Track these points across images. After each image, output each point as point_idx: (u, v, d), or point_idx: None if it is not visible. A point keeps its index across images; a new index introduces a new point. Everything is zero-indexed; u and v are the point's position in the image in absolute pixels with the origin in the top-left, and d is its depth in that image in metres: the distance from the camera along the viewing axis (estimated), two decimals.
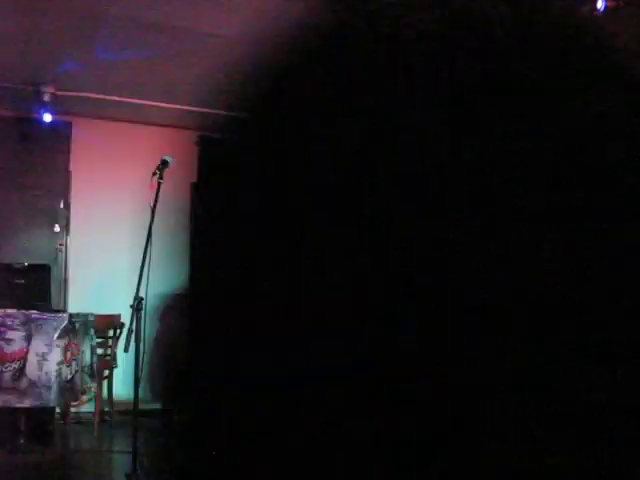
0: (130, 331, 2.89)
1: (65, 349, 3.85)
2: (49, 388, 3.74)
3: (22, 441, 4.01)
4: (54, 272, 4.74)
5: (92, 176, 5.45)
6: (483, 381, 0.32)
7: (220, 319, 0.36)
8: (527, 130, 0.31)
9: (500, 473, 0.30)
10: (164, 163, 3.28)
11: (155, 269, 3.00)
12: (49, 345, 3.78)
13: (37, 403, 3.75)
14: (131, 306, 2.92)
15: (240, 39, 3.91)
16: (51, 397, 3.76)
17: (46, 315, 3.85)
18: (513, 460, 0.30)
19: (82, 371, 4.08)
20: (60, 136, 5.22)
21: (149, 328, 3.34)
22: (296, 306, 0.32)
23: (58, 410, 4.84)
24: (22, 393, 3.72)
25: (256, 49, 0.44)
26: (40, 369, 3.74)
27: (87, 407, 4.92)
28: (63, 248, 5.21)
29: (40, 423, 4.49)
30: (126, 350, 2.89)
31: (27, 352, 3.75)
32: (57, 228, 5.17)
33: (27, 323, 3.79)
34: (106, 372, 4.75)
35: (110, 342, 4.85)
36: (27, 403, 3.73)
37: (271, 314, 0.32)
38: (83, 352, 4.10)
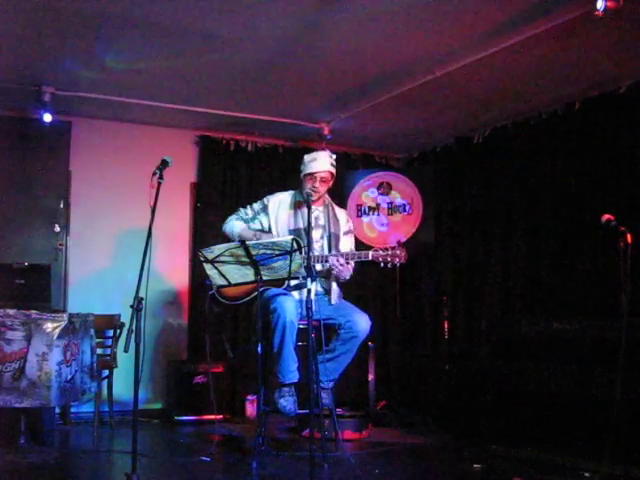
0: (130, 331, 2.89)
1: (65, 349, 3.85)
2: (49, 388, 3.74)
3: (22, 441, 4.01)
4: (54, 272, 4.74)
5: (92, 176, 5.45)
6: None
7: None
8: None
9: None
10: (164, 163, 3.27)
11: (155, 269, 3.01)
12: (49, 345, 3.78)
13: (37, 403, 3.75)
14: (131, 306, 2.92)
15: (240, 39, 3.91)
16: (51, 397, 3.76)
17: (46, 315, 3.85)
18: None
19: (82, 371, 4.08)
20: (60, 136, 5.21)
21: (149, 328, 3.34)
22: None
23: (58, 410, 4.85)
24: (22, 393, 3.72)
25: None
26: (40, 369, 3.74)
27: (87, 407, 4.93)
28: (63, 248, 5.21)
29: (40, 423, 4.49)
30: (126, 350, 2.88)
31: (27, 352, 3.75)
32: (57, 228, 5.17)
33: (27, 323, 3.79)
34: (106, 372, 4.75)
35: (110, 342, 4.85)
36: (27, 403, 3.73)
37: None
38: (83, 352, 4.10)
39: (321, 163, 3.97)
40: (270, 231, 4.04)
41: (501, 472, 3.56)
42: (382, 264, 3.75)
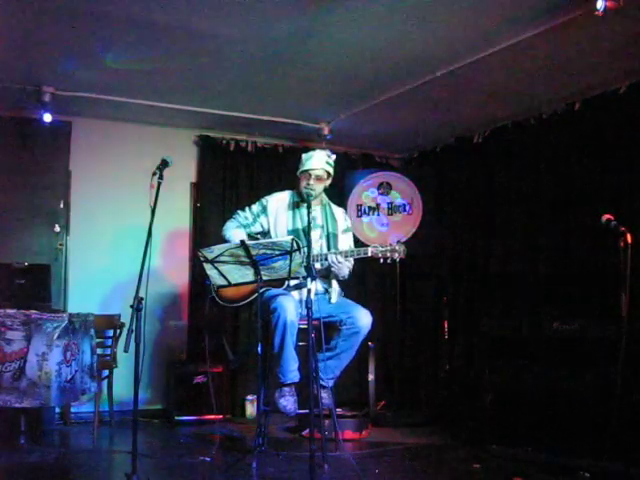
0: (130, 331, 2.89)
1: (65, 349, 3.85)
2: (49, 388, 3.74)
3: (22, 441, 4.01)
4: (54, 272, 4.74)
5: (92, 176, 5.45)
6: None
7: None
8: None
9: None
10: (164, 163, 3.28)
11: (155, 269, 3.02)
12: (49, 345, 3.78)
13: (37, 403, 3.75)
14: (131, 306, 2.92)
15: (239, 39, 3.91)
16: (51, 397, 3.76)
17: (46, 315, 3.85)
18: None
19: (82, 371, 4.08)
20: (60, 136, 5.21)
21: (149, 328, 3.34)
22: None
23: (58, 410, 4.85)
24: (22, 393, 3.72)
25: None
26: (40, 369, 3.74)
27: (87, 407, 4.93)
28: (63, 248, 5.21)
29: (40, 423, 4.50)
30: (126, 350, 2.89)
31: (27, 352, 3.75)
32: (57, 228, 5.17)
33: (27, 323, 3.79)
34: (106, 372, 4.75)
35: (110, 342, 4.85)
36: (27, 403, 3.73)
37: None
38: (83, 352, 4.10)
39: (316, 161, 3.97)
40: (269, 232, 4.04)
41: (501, 472, 3.56)
42: (382, 260, 3.75)
